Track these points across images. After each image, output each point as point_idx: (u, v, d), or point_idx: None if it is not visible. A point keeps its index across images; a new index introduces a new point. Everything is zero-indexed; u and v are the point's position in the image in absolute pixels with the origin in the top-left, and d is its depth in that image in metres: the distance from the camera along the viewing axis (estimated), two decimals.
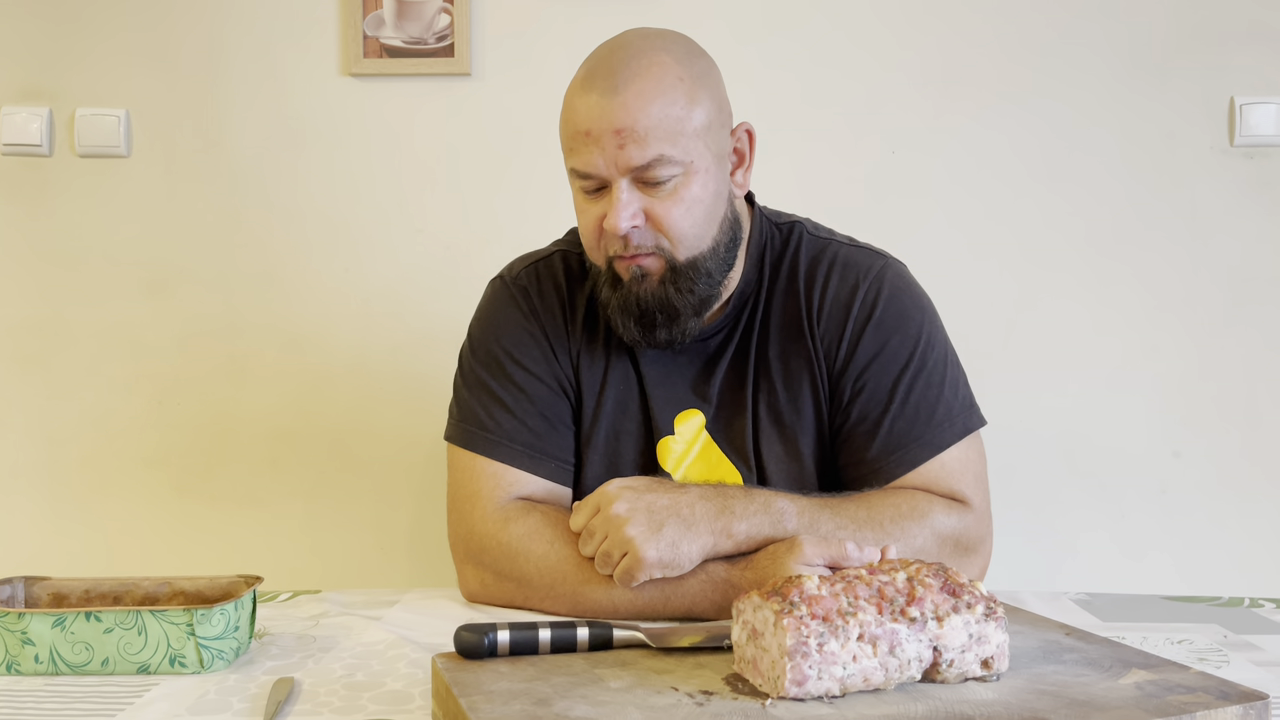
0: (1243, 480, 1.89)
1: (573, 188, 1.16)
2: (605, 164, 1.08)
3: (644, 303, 1.13)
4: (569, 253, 1.27)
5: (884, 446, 1.14)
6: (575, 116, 1.10)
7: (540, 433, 1.18)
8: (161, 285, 1.94)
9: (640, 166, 1.08)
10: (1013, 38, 1.88)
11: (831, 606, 0.73)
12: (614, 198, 1.09)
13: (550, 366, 1.21)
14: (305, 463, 1.94)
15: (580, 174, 1.11)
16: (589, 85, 1.10)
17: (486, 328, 1.24)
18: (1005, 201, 1.89)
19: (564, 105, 1.13)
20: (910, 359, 1.16)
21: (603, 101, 1.08)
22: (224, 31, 1.91)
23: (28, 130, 1.91)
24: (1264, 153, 1.87)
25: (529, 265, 1.27)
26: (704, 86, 1.12)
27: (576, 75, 1.13)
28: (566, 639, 0.83)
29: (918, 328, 1.18)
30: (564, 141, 1.13)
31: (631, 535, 1.01)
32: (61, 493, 1.95)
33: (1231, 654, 0.96)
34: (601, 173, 1.09)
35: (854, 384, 1.17)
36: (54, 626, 0.89)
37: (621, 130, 1.07)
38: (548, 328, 1.22)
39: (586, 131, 1.09)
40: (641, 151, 1.07)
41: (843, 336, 1.17)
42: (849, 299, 1.18)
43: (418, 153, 1.92)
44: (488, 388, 1.20)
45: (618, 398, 1.21)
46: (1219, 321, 1.88)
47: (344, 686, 0.87)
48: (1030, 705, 0.71)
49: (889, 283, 1.19)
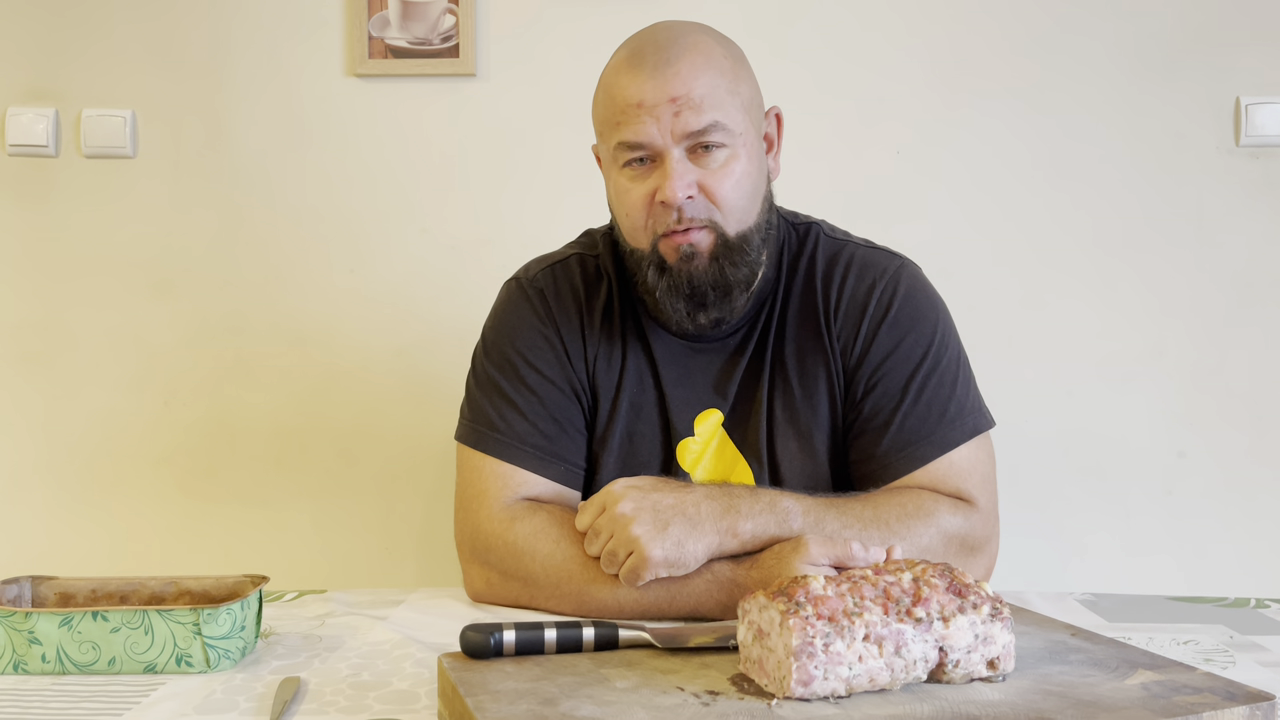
0: (1248, 480, 1.88)
1: (610, 170, 1.16)
2: (660, 133, 1.09)
3: (696, 281, 1.13)
4: (585, 255, 1.26)
5: (894, 442, 1.15)
6: (623, 92, 1.11)
7: (551, 435, 1.18)
8: (168, 285, 1.94)
9: (696, 132, 1.09)
10: (1018, 37, 1.88)
11: (837, 607, 0.73)
12: (668, 168, 1.10)
13: (563, 370, 1.21)
14: (311, 462, 1.94)
15: (631, 145, 1.11)
16: (636, 62, 1.11)
17: (501, 330, 1.24)
18: (1010, 201, 1.89)
19: (603, 86, 1.14)
20: (924, 358, 1.17)
21: (656, 73, 1.09)
22: (229, 32, 1.92)
23: (34, 131, 1.91)
24: (1269, 153, 1.86)
25: (546, 268, 1.26)
26: (744, 65, 1.16)
27: (615, 59, 1.14)
28: (572, 639, 0.83)
29: (932, 327, 1.19)
30: (607, 118, 1.13)
31: (637, 534, 1.01)
32: (68, 492, 1.95)
33: (1238, 654, 0.96)
34: (656, 142, 1.10)
35: (868, 381, 1.18)
36: (61, 626, 0.89)
37: (678, 98, 1.08)
38: (563, 331, 1.22)
39: (638, 103, 1.09)
40: (698, 117, 1.09)
41: (858, 334, 1.19)
42: (865, 298, 1.19)
43: (423, 153, 1.92)
44: (500, 389, 1.20)
45: (633, 401, 1.21)
46: (1224, 321, 1.88)
47: (350, 686, 0.87)
48: (1036, 706, 0.71)
49: (904, 283, 1.21)
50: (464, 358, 1.27)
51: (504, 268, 1.31)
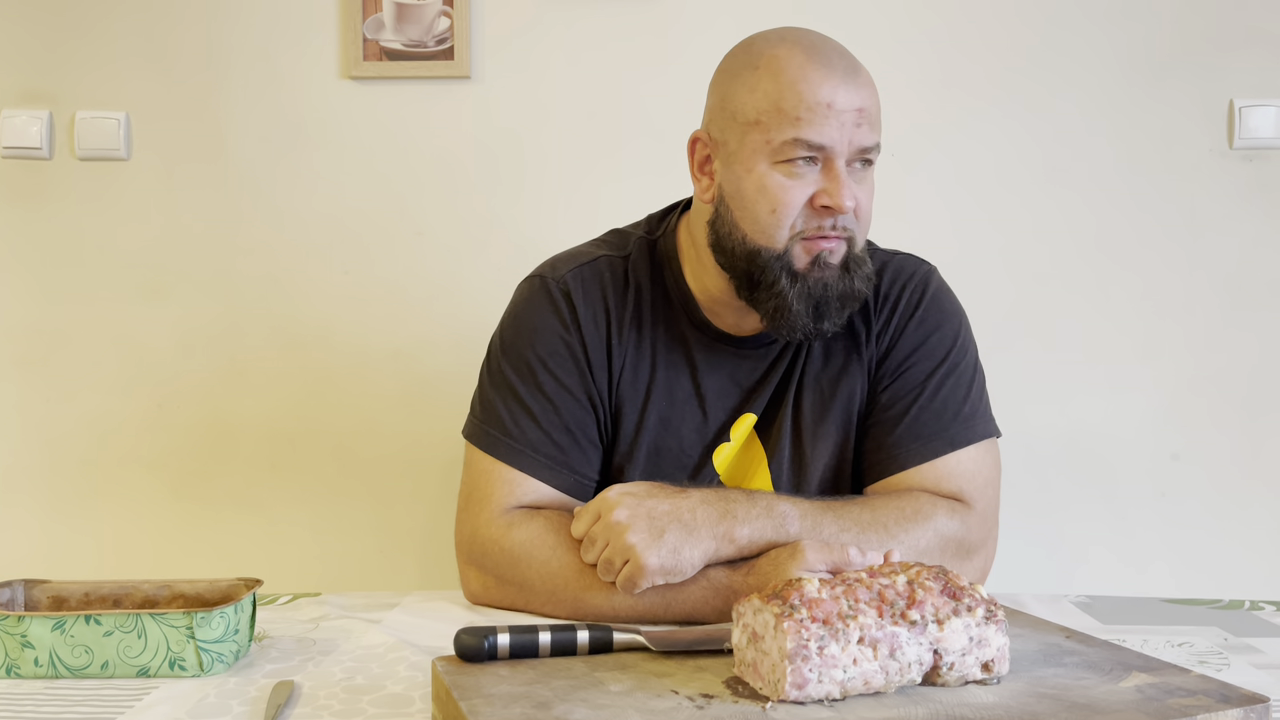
0: (1242, 483, 1.89)
1: (755, 161, 1.11)
2: (841, 139, 1.09)
3: (829, 289, 1.12)
4: (614, 258, 1.23)
5: (906, 433, 1.16)
6: (815, 89, 1.08)
7: (564, 446, 1.17)
8: (161, 288, 1.94)
9: (868, 148, 1.11)
10: (1012, 40, 1.88)
11: (832, 610, 0.73)
12: (838, 175, 1.09)
13: (583, 380, 1.18)
14: (305, 466, 1.94)
15: (811, 145, 1.09)
16: (825, 63, 1.10)
17: (521, 330, 1.20)
18: (1003, 205, 1.89)
19: (784, 75, 1.09)
20: (946, 356, 1.19)
21: (847, 80, 1.09)
22: (224, 34, 1.92)
23: (28, 133, 1.91)
24: (1263, 155, 1.87)
25: (575, 269, 1.21)
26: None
27: (787, 52, 1.10)
28: (567, 642, 0.83)
29: (955, 329, 1.22)
30: (787, 110, 1.08)
31: (633, 543, 1.00)
32: (61, 496, 1.95)
33: (1232, 657, 0.96)
34: (838, 147, 1.09)
35: (892, 374, 1.20)
36: (54, 630, 0.89)
37: (863, 110, 1.09)
38: (587, 339, 1.18)
39: (829, 104, 1.08)
40: (872, 135, 1.11)
41: (887, 331, 1.21)
42: (897, 298, 1.22)
43: (418, 156, 1.92)
44: (515, 393, 1.17)
45: (661, 415, 1.20)
46: (1218, 324, 1.88)
47: (344, 689, 0.87)
48: (1031, 708, 0.71)
49: (933, 284, 1.24)
50: (460, 359, 1.27)
51: (500, 269, 1.31)
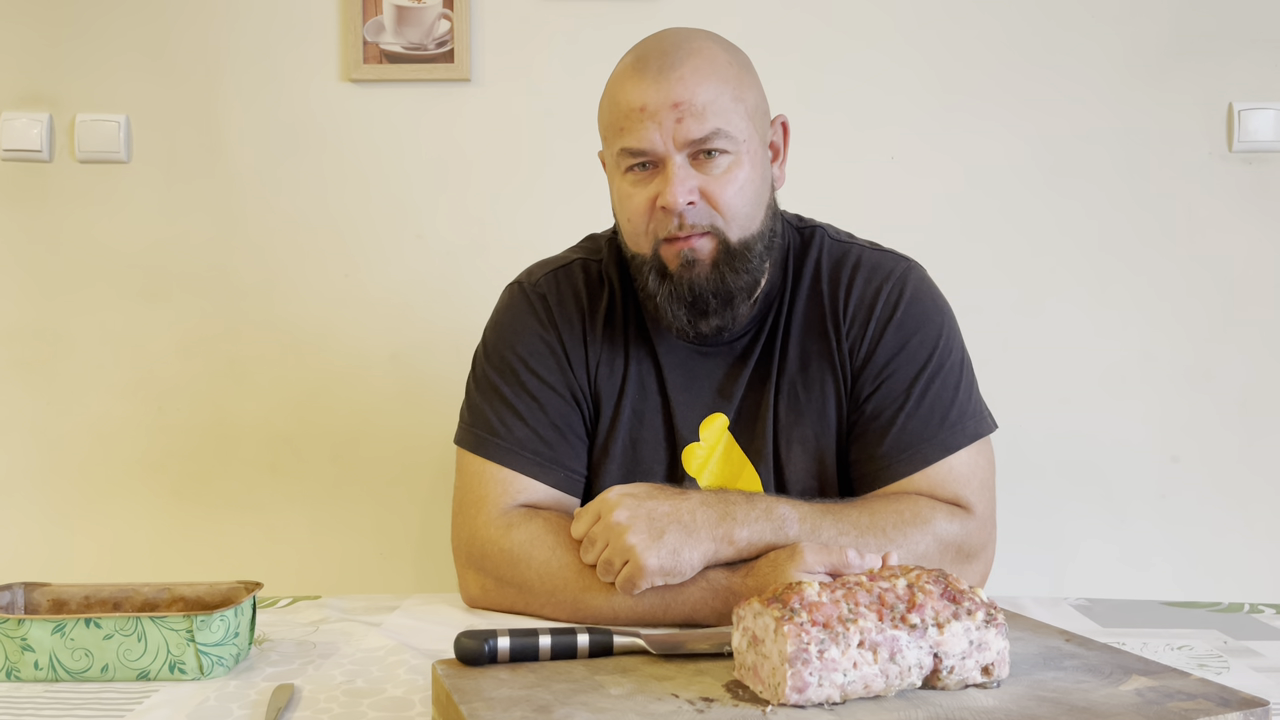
0: (1242, 485, 1.89)
1: (614, 176, 1.16)
2: (662, 139, 1.09)
3: (697, 288, 1.13)
4: (588, 260, 1.26)
5: (896, 443, 1.15)
6: (627, 96, 1.11)
7: (551, 442, 1.18)
8: (162, 291, 1.94)
9: (698, 140, 1.09)
10: (1012, 43, 1.88)
11: (832, 613, 0.73)
12: (669, 174, 1.10)
13: (564, 376, 1.20)
14: (305, 468, 1.94)
15: (633, 152, 1.11)
16: (641, 67, 1.11)
17: (502, 334, 1.23)
18: (1004, 207, 1.89)
19: (609, 92, 1.14)
20: (929, 359, 1.17)
21: (659, 79, 1.09)
22: (224, 37, 1.92)
23: (28, 136, 1.91)
24: (1262, 158, 1.87)
25: (549, 273, 1.26)
26: (750, 73, 1.16)
27: (621, 65, 1.14)
28: (567, 645, 0.83)
29: (937, 329, 1.20)
30: (610, 123, 1.13)
31: (633, 543, 1.01)
32: (61, 498, 1.95)
33: (1232, 660, 0.96)
34: (658, 148, 1.10)
35: (873, 381, 1.18)
36: (54, 633, 0.89)
37: (680, 104, 1.08)
38: (565, 337, 1.21)
39: (641, 108, 1.09)
40: (700, 125, 1.09)
41: (865, 335, 1.19)
42: (872, 299, 1.20)
43: (417, 158, 1.92)
44: (501, 394, 1.19)
45: (635, 408, 1.21)
46: (1217, 326, 1.89)
47: (344, 693, 0.87)
48: (1031, 712, 0.71)
49: (911, 285, 1.21)
50: (459, 362, 1.27)
51: (499, 273, 1.31)
